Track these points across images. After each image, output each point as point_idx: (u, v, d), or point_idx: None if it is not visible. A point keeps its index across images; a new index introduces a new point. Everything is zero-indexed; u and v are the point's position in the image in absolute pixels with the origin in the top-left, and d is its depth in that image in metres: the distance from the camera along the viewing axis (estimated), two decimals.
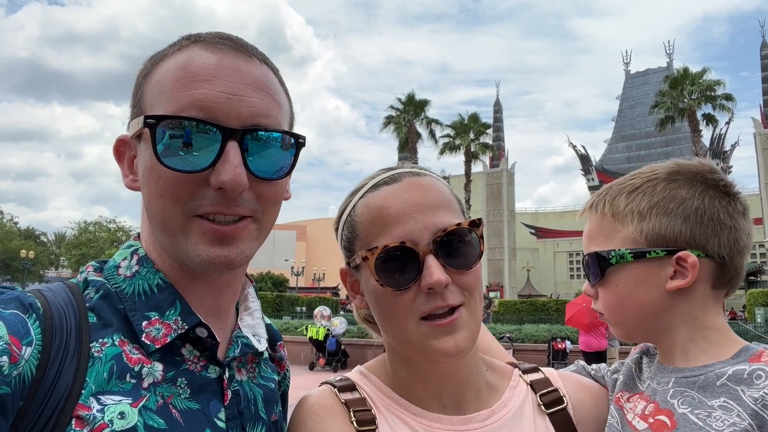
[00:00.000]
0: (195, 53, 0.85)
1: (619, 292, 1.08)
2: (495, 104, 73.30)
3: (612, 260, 1.07)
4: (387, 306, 1.01)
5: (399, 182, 1.03)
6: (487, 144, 49.94)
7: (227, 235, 0.84)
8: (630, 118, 65.95)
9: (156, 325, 0.83)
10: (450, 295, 0.97)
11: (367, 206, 1.03)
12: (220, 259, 0.83)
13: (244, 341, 0.94)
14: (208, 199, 0.82)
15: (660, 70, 66.39)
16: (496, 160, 66.12)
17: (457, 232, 0.98)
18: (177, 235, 0.83)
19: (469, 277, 0.99)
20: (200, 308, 0.88)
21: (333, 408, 1.04)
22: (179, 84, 0.83)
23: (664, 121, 42.26)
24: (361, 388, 1.09)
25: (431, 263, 0.95)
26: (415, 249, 0.96)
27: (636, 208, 1.07)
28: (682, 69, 42.33)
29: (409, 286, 0.97)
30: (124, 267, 0.89)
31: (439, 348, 0.97)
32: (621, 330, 1.14)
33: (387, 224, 0.99)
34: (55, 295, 0.82)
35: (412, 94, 47.15)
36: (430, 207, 0.99)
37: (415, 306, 0.98)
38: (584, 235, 1.17)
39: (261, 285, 54.27)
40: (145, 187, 0.85)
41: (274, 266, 64.80)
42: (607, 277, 1.09)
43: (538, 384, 1.14)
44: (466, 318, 0.99)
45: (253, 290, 1.06)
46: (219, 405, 0.86)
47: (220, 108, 0.81)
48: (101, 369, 0.77)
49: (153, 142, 0.80)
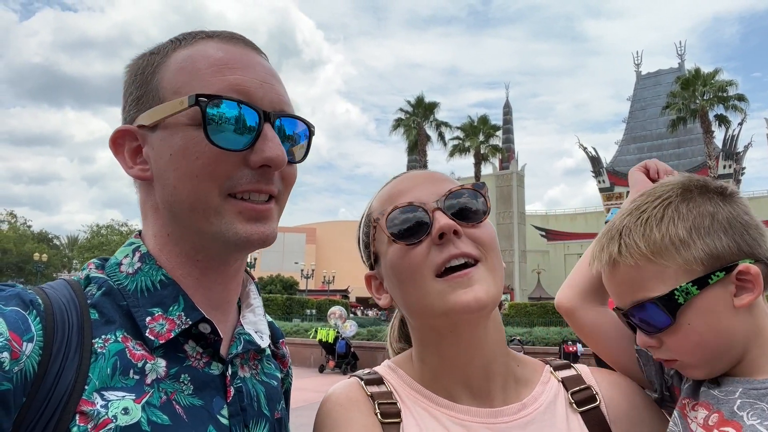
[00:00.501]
0: (218, 45, 0.89)
1: (694, 330, 0.96)
2: (504, 106, 73.11)
3: (680, 299, 0.96)
4: (403, 267, 1.02)
5: (407, 173, 1.15)
6: (496, 146, 49.82)
7: (263, 213, 0.88)
8: (641, 119, 65.47)
9: (160, 320, 0.84)
10: (463, 245, 1.00)
11: (379, 197, 1.13)
12: (258, 235, 0.87)
13: (246, 338, 0.94)
14: (246, 178, 0.85)
15: (671, 71, 65.86)
16: (506, 162, 65.90)
17: (463, 191, 1.06)
18: (211, 216, 0.85)
19: (481, 231, 1.03)
20: (204, 304, 0.89)
21: (358, 400, 1.05)
22: (212, 69, 0.86)
23: (676, 122, 41.92)
24: (388, 382, 1.10)
25: (439, 215, 1.01)
26: (423, 207, 1.03)
27: (676, 236, 0.97)
28: (694, 70, 41.98)
29: (421, 239, 1.01)
30: (126, 264, 0.89)
31: (458, 301, 0.97)
32: (702, 370, 1.01)
33: (397, 195, 1.08)
34: (57, 291, 0.82)
35: (422, 96, 47.19)
36: (438, 178, 1.10)
37: (429, 259, 0.99)
38: (617, 285, 1.04)
39: (271, 288, 54.42)
40: (173, 171, 0.85)
41: (284, 269, 65.02)
42: (678, 321, 0.97)
43: (569, 381, 1.12)
44: (483, 273, 1.00)
45: (255, 287, 1.08)
46: (222, 402, 0.86)
47: (255, 93, 0.87)
48: (104, 365, 0.77)
49: (204, 120, 0.82)
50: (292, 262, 69.18)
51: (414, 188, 1.07)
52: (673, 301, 0.95)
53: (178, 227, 0.88)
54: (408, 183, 1.09)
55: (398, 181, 1.12)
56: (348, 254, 72.11)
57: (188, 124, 0.84)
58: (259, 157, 0.85)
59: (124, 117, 0.92)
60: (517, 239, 64.96)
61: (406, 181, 1.11)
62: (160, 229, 0.90)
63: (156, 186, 0.88)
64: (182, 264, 0.89)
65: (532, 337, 19.68)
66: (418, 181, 1.09)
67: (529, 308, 34.88)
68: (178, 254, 0.89)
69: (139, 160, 0.90)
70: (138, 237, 0.94)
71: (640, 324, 1.01)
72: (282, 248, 76.96)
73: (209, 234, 0.86)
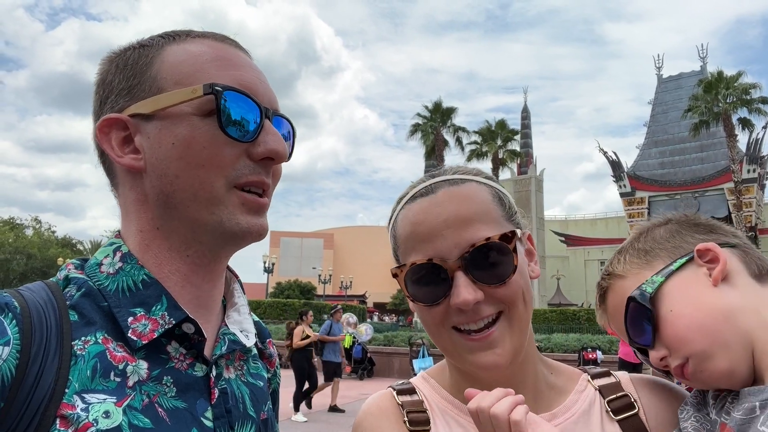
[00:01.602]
0: (214, 44, 0.91)
1: (678, 313, 0.98)
2: (523, 110, 72.68)
3: (647, 289, 0.99)
4: (424, 320, 1.03)
5: (434, 194, 1.01)
6: (514, 151, 49.52)
7: (262, 206, 0.89)
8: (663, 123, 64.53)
9: (142, 320, 0.82)
10: (484, 309, 0.96)
11: (404, 220, 1.04)
12: (257, 227, 0.87)
13: (231, 337, 0.93)
14: (249, 169, 0.87)
15: (693, 74, 64.86)
16: (525, 167, 65.46)
17: (488, 246, 0.95)
18: (214, 206, 0.85)
19: (506, 289, 0.96)
20: (189, 303, 0.88)
21: (388, 409, 1.06)
22: (217, 64, 0.88)
23: (698, 126, 41.23)
24: (420, 391, 1.10)
25: (460, 281, 0.94)
26: (443, 266, 0.95)
27: (635, 251, 1.07)
28: (717, 72, 41.30)
29: (440, 301, 0.97)
30: (107, 264, 0.87)
31: (477, 362, 0.97)
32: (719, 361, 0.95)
33: (418, 242, 1.00)
34: (34, 293, 0.80)
35: (439, 101, 47.15)
36: (462, 221, 0.97)
37: (448, 318, 0.98)
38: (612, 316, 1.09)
39: (289, 293, 54.66)
40: (176, 161, 0.84)
41: (302, 274, 65.32)
42: (660, 313, 0.99)
43: (606, 389, 1.09)
44: (504, 330, 0.97)
45: (239, 286, 1.07)
46: (206, 404, 0.85)
47: (257, 89, 0.89)
48: (84, 367, 0.76)
49: (219, 109, 0.84)
50: (310, 267, 69.47)
51: (437, 234, 0.97)
52: (644, 294, 1.00)
53: (170, 219, 0.87)
54: (431, 222, 0.99)
55: (422, 212, 1.01)
56: (365, 259, 72.16)
57: (194, 114, 0.84)
58: (263, 149, 0.87)
59: (107, 108, 0.89)
60: (536, 245, 64.20)
61: (431, 217, 0.99)
62: (148, 223, 0.88)
63: (149, 176, 0.86)
64: (170, 260, 0.88)
65: (551, 343, 19.44)
66: (441, 221, 0.98)
67: (548, 314, 34.56)
68: (168, 249, 0.88)
69: (128, 150, 0.88)
70: (118, 237, 0.92)
71: (639, 338, 1.03)
72: (300, 253, 77.34)
73: (209, 224, 0.86)
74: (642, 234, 1.11)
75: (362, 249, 71.91)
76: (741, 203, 41.10)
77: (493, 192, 1.04)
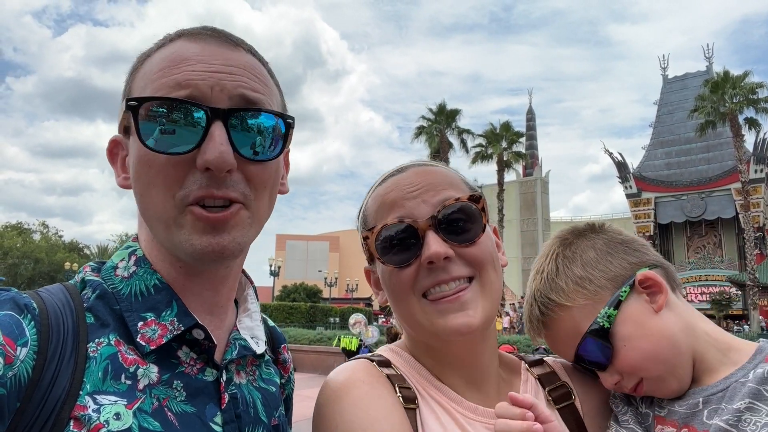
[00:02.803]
0: (181, 45, 0.85)
1: (633, 345, 1.03)
2: (528, 112, 72.57)
3: (605, 325, 1.03)
4: (393, 286, 1.01)
5: (404, 172, 1.05)
6: (519, 152, 49.34)
7: (219, 222, 0.81)
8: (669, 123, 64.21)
9: (152, 326, 0.82)
10: (455, 268, 0.96)
11: (374, 197, 1.06)
12: (213, 247, 0.81)
13: (242, 343, 0.93)
14: (197, 183, 0.79)
15: (699, 74, 64.54)
16: (530, 168, 65.33)
17: (458, 207, 0.97)
18: (172, 227, 0.81)
19: (476, 249, 0.97)
20: (198, 308, 0.87)
21: (380, 378, 1.00)
22: (163, 72, 0.82)
23: (705, 126, 40.98)
24: (396, 366, 1.06)
25: (430, 237, 0.94)
26: (414, 225, 0.96)
27: (575, 277, 1.08)
28: (723, 72, 41.05)
29: (411, 261, 0.96)
30: (122, 268, 0.87)
31: (447, 326, 0.95)
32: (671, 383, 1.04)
33: (389, 208, 1.00)
34: (52, 295, 0.80)
35: (443, 104, 47.10)
36: (432, 186, 1.00)
37: (418, 282, 0.97)
38: (559, 343, 1.12)
39: (295, 296, 54.69)
40: (137, 181, 0.83)
41: (308, 277, 65.37)
42: (615, 345, 1.03)
43: (546, 378, 1.12)
44: (476, 293, 0.96)
45: (253, 291, 1.06)
46: (215, 409, 0.84)
47: (204, 86, 0.80)
48: (96, 368, 0.76)
49: (136, 125, 0.78)
50: (316, 270, 69.51)
51: (406, 198, 0.99)
52: (601, 329, 1.04)
53: (154, 234, 0.87)
54: (401, 190, 1.00)
55: (392, 185, 1.03)
56: None
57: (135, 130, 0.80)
58: (201, 160, 0.78)
59: (119, 122, 0.89)
60: (542, 246, 64.17)
61: (400, 186, 1.01)
62: (148, 233, 0.89)
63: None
64: (168, 269, 0.87)
65: None
66: (411, 189, 1.00)
67: None
68: (163, 260, 0.88)
69: (126, 169, 0.88)
70: (135, 240, 0.92)
71: (591, 365, 1.07)
72: (306, 256, 77.40)
73: (170, 246, 0.84)
74: (567, 251, 1.12)
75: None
76: (749, 204, 40.76)
77: (461, 177, 1.08)
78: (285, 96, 0.96)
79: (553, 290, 1.09)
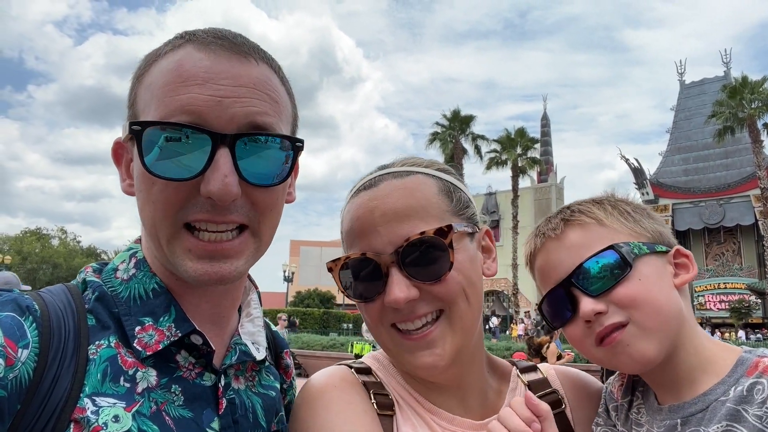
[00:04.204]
0: (188, 54, 0.81)
1: (647, 285, 0.98)
2: (542, 118, 72.15)
3: (635, 250, 1.00)
4: (363, 314, 1.00)
5: (376, 187, 0.99)
6: (534, 159, 49.08)
7: (218, 252, 0.80)
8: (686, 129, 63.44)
9: (149, 331, 0.81)
10: (421, 306, 0.93)
11: (347, 214, 1.02)
12: (210, 275, 0.80)
13: (242, 348, 0.92)
14: (199, 206, 0.78)
15: (717, 79, 63.75)
16: (545, 174, 64.84)
17: (423, 241, 0.91)
18: (165, 246, 0.81)
19: (442, 287, 0.92)
20: (197, 315, 0.86)
21: (354, 384, 1.00)
22: (169, 88, 0.79)
23: (723, 132, 40.43)
24: (376, 373, 1.05)
25: (393, 278, 0.90)
26: (377, 260, 0.92)
27: (624, 211, 1.06)
28: (741, 77, 40.52)
29: (374, 298, 0.94)
30: (122, 270, 0.87)
31: (415, 363, 0.94)
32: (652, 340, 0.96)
33: (355, 237, 0.98)
34: (54, 297, 0.80)
35: (458, 110, 47.02)
36: (399, 216, 0.93)
37: (384, 316, 0.95)
38: (563, 251, 1.03)
39: (308, 302, 54.80)
40: (138, 193, 0.83)
41: (322, 283, 65.41)
42: (628, 275, 0.98)
43: (536, 385, 1.10)
44: (444, 330, 0.93)
45: (257, 296, 1.05)
46: (213, 414, 0.84)
47: (210, 111, 0.77)
48: (95, 370, 0.76)
49: (140, 149, 0.77)
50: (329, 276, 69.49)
51: (373, 228, 0.94)
52: (629, 251, 1.00)
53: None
54: (368, 217, 0.95)
55: (361, 206, 0.97)
56: None
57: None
58: (204, 189, 0.77)
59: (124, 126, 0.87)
60: None
61: (368, 212, 0.96)
62: (149, 239, 0.88)
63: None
64: (167, 276, 0.86)
65: (573, 352, 19.14)
66: (377, 215, 0.94)
67: None
68: (161, 266, 0.87)
69: (131, 174, 0.87)
70: (138, 242, 0.91)
71: (589, 282, 0.99)
72: (320, 262, 77.46)
73: (168, 263, 0.83)
74: (612, 198, 1.10)
75: None
76: None
77: (441, 185, 1.00)
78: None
79: (597, 206, 1.07)
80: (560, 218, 1.07)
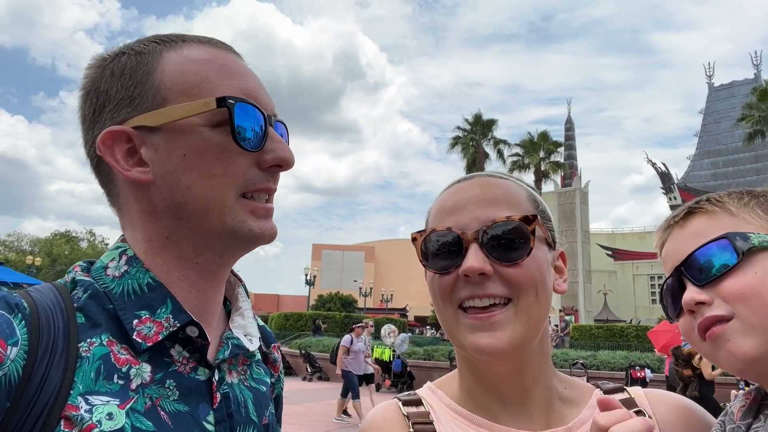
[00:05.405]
0: (212, 50, 0.90)
1: (761, 281, 0.90)
2: (566, 122, 71.41)
3: (754, 241, 0.92)
4: (434, 292, 1.02)
5: (470, 180, 1.07)
6: (558, 162, 48.67)
7: (269, 212, 0.91)
8: (715, 133, 62.17)
9: (147, 323, 0.82)
10: (491, 286, 0.95)
11: (438, 201, 1.08)
12: (269, 231, 0.90)
13: (234, 342, 0.94)
14: (258, 177, 0.88)
15: (746, 82, 62.35)
16: (569, 179, 64.11)
17: (507, 225, 0.96)
18: (225, 215, 0.85)
19: (516, 271, 0.95)
20: (194, 307, 0.88)
21: (394, 420, 1.04)
22: (221, 74, 0.88)
23: (753, 135, 39.53)
24: (426, 402, 1.08)
25: (472, 251, 0.95)
26: (460, 236, 0.97)
27: (757, 205, 0.99)
28: None
29: (450, 270, 0.97)
30: (113, 267, 0.88)
31: (473, 343, 0.95)
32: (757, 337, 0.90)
33: (444, 214, 1.02)
34: (42, 295, 0.80)
35: (479, 114, 46.94)
36: (489, 200, 1.00)
37: (456, 291, 0.98)
38: (685, 237, 1.00)
39: (330, 305, 55.03)
40: (187, 172, 0.85)
41: (343, 287, 65.69)
42: (743, 265, 0.92)
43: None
44: (510, 316, 0.95)
45: (243, 289, 1.08)
46: (208, 408, 0.85)
47: (260, 98, 0.90)
48: (89, 369, 0.76)
49: (231, 122, 0.84)
50: (351, 280, 69.80)
51: (462, 207, 1.01)
52: (746, 242, 0.93)
53: (180, 229, 0.87)
54: (459, 201, 1.03)
55: (455, 192, 1.06)
56: (407, 273, 71.90)
57: (203, 125, 0.84)
58: (272, 157, 0.88)
59: (105, 118, 0.87)
60: (582, 258, 62.74)
61: (460, 195, 1.04)
62: (156, 233, 0.88)
63: (158, 188, 0.86)
64: (179, 267, 0.88)
65: (597, 360, 18.85)
66: (469, 197, 1.02)
67: (594, 330, 33.44)
68: (177, 257, 0.88)
69: (133, 162, 0.87)
70: (124, 241, 0.92)
71: (697, 272, 0.96)
72: (341, 266, 77.90)
73: (222, 233, 0.87)
74: (758, 191, 1.04)
75: (403, 262, 71.72)
76: None
77: (529, 195, 1.06)
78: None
79: (733, 196, 1.02)
80: (689, 206, 1.05)
